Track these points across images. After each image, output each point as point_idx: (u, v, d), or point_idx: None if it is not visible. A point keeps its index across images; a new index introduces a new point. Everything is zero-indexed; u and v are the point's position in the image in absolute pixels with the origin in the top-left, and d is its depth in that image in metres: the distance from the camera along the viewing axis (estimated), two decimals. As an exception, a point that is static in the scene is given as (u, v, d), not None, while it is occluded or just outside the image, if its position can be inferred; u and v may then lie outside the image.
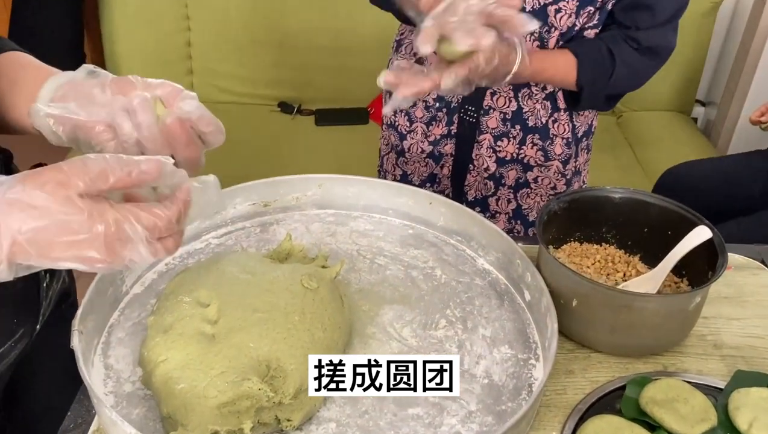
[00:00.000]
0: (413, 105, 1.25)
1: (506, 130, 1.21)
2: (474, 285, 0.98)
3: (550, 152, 1.23)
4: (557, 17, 1.10)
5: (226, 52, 2.54)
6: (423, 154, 1.29)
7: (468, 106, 1.21)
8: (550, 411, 0.83)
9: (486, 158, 1.24)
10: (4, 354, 0.80)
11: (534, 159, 1.24)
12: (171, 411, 0.72)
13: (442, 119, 1.24)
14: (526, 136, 1.22)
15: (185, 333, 0.76)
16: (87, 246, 0.55)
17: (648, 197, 1.00)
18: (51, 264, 0.56)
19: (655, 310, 0.85)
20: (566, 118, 1.22)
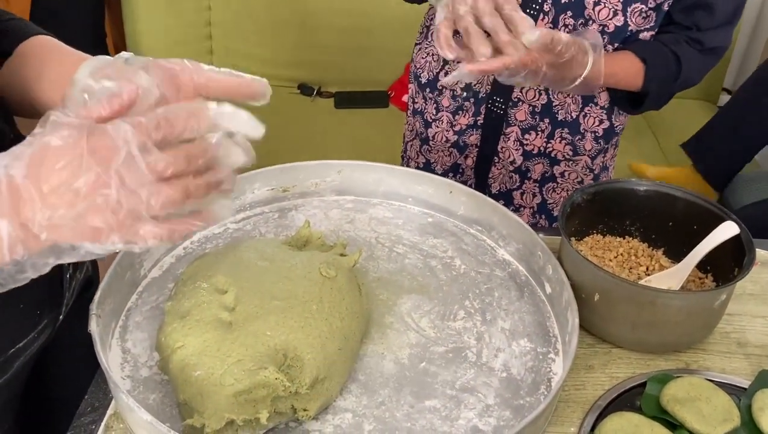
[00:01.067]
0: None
1: (535, 123, 1.19)
2: (494, 277, 0.96)
3: (579, 147, 1.20)
4: (596, 10, 1.05)
5: (246, 33, 2.53)
6: (447, 143, 1.27)
7: (496, 97, 1.18)
8: (568, 407, 0.82)
9: (513, 151, 1.22)
10: (27, 344, 0.80)
11: (562, 153, 1.21)
12: (187, 398, 0.72)
13: (469, 109, 1.21)
14: (554, 130, 1.19)
15: (202, 320, 0.76)
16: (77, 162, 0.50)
17: (674, 190, 0.98)
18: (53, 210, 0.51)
19: (680, 307, 0.83)
20: (598, 113, 1.18)
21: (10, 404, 0.83)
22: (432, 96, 1.25)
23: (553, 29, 0.96)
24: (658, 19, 1.08)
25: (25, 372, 0.83)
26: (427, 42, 1.25)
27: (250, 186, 1.04)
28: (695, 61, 1.10)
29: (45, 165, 0.51)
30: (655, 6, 1.06)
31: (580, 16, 1.06)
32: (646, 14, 1.07)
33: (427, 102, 1.26)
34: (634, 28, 1.08)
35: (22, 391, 0.85)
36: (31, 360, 0.83)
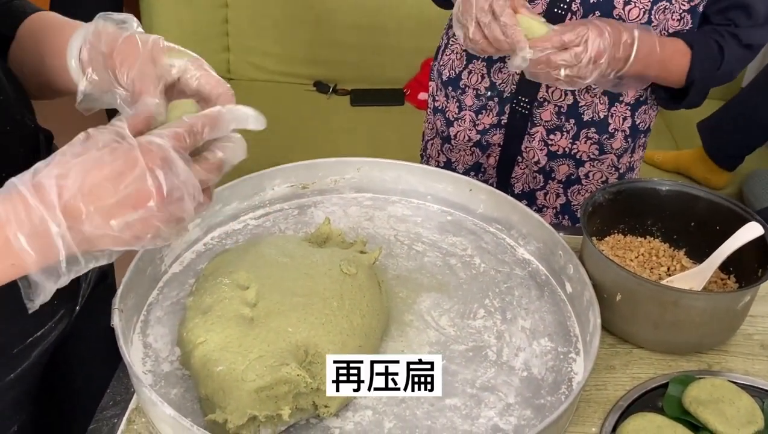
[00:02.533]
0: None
1: (560, 123, 1.17)
2: (513, 275, 0.96)
3: (606, 146, 1.19)
4: (626, 10, 1.04)
5: (262, 30, 2.53)
6: (470, 142, 1.26)
7: (521, 97, 1.17)
8: (589, 407, 0.81)
9: (537, 151, 1.21)
10: (44, 334, 0.81)
11: (587, 154, 1.20)
12: (209, 393, 0.72)
13: (493, 108, 1.20)
14: (580, 131, 1.18)
15: (224, 315, 0.76)
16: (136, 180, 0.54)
17: (697, 190, 0.97)
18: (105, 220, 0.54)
19: (703, 308, 0.82)
20: (624, 110, 1.17)
21: (27, 395, 0.84)
22: (455, 94, 1.24)
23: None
24: (695, 22, 1.06)
25: (41, 362, 0.84)
26: (453, 39, 1.24)
27: (270, 182, 1.04)
28: (735, 53, 1.07)
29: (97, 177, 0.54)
30: (690, 8, 1.04)
31: (609, 15, 1.05)
32: (680, 16, 1.05)
33: (449, 100, 1.25)
34: (669, 31, 1.06)
35: (39, 382, 0.85)
36: (48, 351, 0.84)
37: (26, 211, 0.53)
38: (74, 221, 0.54)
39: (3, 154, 0.57)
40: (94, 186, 0.54)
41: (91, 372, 0.90)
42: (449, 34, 1.27)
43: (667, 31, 1.06)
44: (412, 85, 2.54)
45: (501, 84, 1.18)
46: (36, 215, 0.53)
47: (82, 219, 0.54)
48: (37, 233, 0.53)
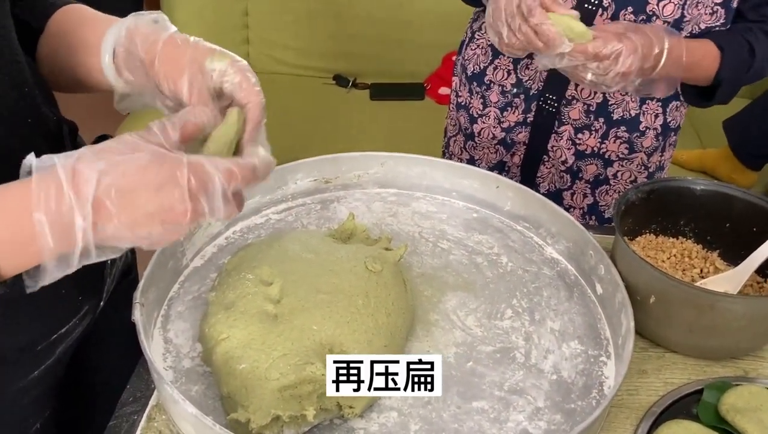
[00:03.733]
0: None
1: (589, 122, 1.14)
2: (542, 275, 0.93)
3: (636, 144, 1.16)
4: (660, 6, 1.01)
5: (283, 22, 2.51)
6: (494, 140, 1.23)
7: (549, 95, 1.14)
8: (621, 412, 0.79)
9: (565, 150, 1.17)
10: (69, 331, 0.80)
11: (616, 153, 1.17)
12: (231, 391, 0.70)
13: (519, 106, 1.17)
14: (609, 130, 1.14)
15: (247, 312, 0.74)
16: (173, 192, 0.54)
17: (733, 190, 0.94)
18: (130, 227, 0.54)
19: (741, 313, 0.80)
20: (655, 108, 1.14)
21: (51, 391, 0.82)
22: (479, 90, 1.21)
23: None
24: (728, 17, 1.03)
25: (66, 358, 0.82)
26: (479, 33, 1.21)
27: (292, 176, 1.02)
28: (767, 51, 1.05)
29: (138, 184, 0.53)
30: (723, 2, 1.01)
31: (642, 12, 1.02)
32: (713, 10, 1.02)
33: (473, 96, 1.23)
34: (701, 25, 1.03)
35: (62, 379, 0.84)
36: (72, 347, 0.83)
37: (57, 196, 0.51)
38: (101, 219, 0.53)
39: (27, 146, 0.55)
40: (132, 192, 0.53)
41: (113, 367, 0.89)
42: (473, 27, 1.24)
43: (699, 26, 1.03)
44: (432, 80, 2.51)
45: (528, 81, 1.15)
46: (65, 203, 0.51)
47: (111, 221, 0.53)
48: (61, 222, 0.52)
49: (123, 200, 0.53)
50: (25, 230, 0.51)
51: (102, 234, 0.53)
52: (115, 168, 0.53)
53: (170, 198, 0.54)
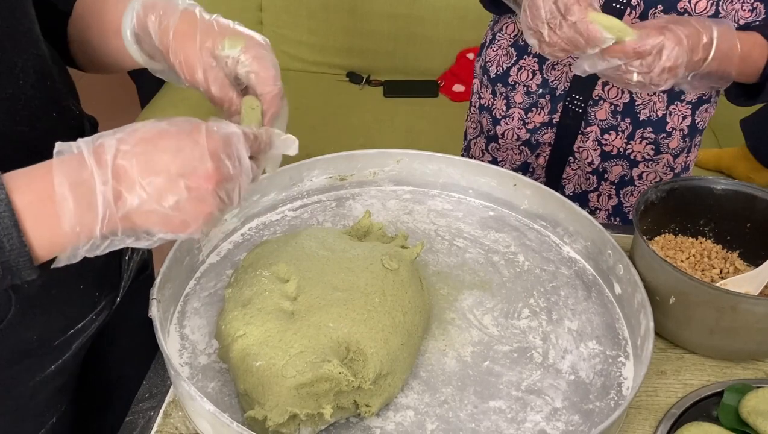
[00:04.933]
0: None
1: (615, 123, 1.12)
2: (559, 274, 0.93)
3: (663, 145, 1.13)
4: (692, 2, 0.98)
5: (296, 19, 2.50)
6: (518, 141, 1.21)
7: (575, 95, 1.12)
8: (640, 414, 0.78)
9: (591, 151, 1.15)
10: (85, 326, 0.80)
11: (642, 154, 1.14)
12: (248, 388, 0.70)
13: (545, 106, 1.15)
14: (635, 131, 1.12)
15: (264, 309, 0.74)
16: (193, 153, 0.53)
17: (755, 190, 0.92)
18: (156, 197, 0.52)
19: (763, 314, 0.78)
20: (684, 109, 1.12)
21: (67, 385, 0.83)
22: (504, 91, 1.19)
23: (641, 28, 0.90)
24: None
25: (82, 353, 0.83)
26: (500, 34, 1.20)
27: (308, 173, 1.02)
28: None
29: (157, 147, 0.52)
30: None
31: (673, 9, 0.99)
32: (752, 6, 0.99)
33: (496, 97, 1.21)
34: (740, 22, 1.00)
35: (78, 373, 0.84)
36: (89, 342, 0.83)
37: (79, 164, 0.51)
38: (124, 186, 0.51)
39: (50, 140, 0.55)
40: (151, 154, 0.52)
41: (127, 363, 0.89)
42: (494, 30, 1.22)
43: (737, 23, 1.00)
44: (446, 77, 2.50)
45: (554, 81, 1.13)
46: (87, 170, 0.51)
47: (133, 189, 0.51)
48: (82, 186, 0.51)
49: (142, 163, 0.52)
50: (48, 199, 0.51)
51: (129, 206, 0.52)
52: (133, 134, 0.52)
53: (190, 158, 0.52)
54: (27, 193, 0.51)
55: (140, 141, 0.52)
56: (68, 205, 0.51)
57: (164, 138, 0.52)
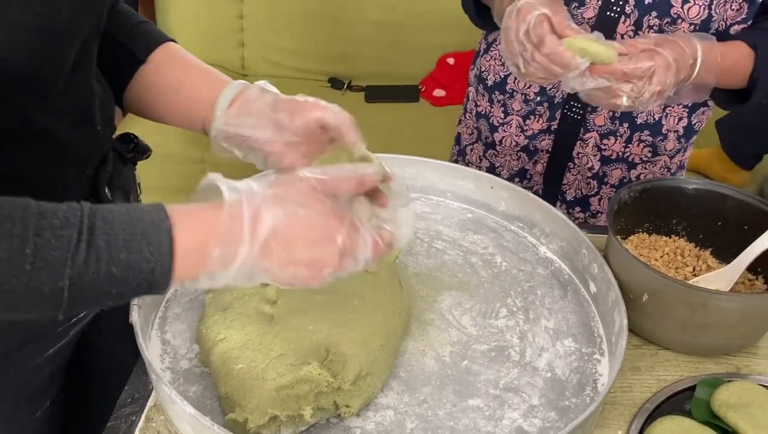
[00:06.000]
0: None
1: (614, 128, 1.13)
2: (536, 274, 0.94)
3: (659, 148, 1.15)
4: (685, 8, 0.99)
5: (277, 25, 2.51)
6: (516, 147, 1.21)
7: (573, 102, 1.12)
8: (615, 409, 0.79)
9: (591, 157, 1.16)
10: (86, 314, 0.84)
11: (639, 156, 1.16)
12: (228, 392, 0.71)
13: (543, 114, 1.16)
14: (633, 134, 1.13)
15: (244, 313, 0.75)
16: (327, 249, 0.61)
17: (725, 189, 0.95)
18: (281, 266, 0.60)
19: (733, 309, 0.81)
20: (679, 111, 1.13)
21: (60, 370, 0.85)
22: (501, 98, 1.19)
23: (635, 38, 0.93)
24: (751, 11, 1.01)
25: (74, 340, 0.86)
26: (495, 45, 1.20)
27: (288, 178, 1.03)
28: None
29: (303, 240, 0.60)
30: None
31: (666, 15, 1.00)
32: (738, 6, 1.00)
33: (493, 105, 1.20)
34: (727, 22, 1.01)
35: (70, 359, 0.87)
36: (81, 330, 0.86)
37: (238, 230, 0.58)
38: (264, 262, 0.59)
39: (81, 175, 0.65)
40: (295, 241, 0.60)
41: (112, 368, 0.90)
42: (488, 39, 1.22)
43: (725, 22, 1.01)
44: (427, 82, 2.52)
45: (551, 89, 1.13)
46: (240, 238, 0.58)
47: (269, 258, 0.59)
48: (229, 253, 0.58)
49: (285, 246, 0.59)
50: (203, 245, 0.57)
51: (258, 265, 0.59)
52: (289, 218, 0.59)
53: (323, 252, 0.61)
54: (185, 233, 0.57)
55: (294, 226, 0.60)
56: (214, 259, 0.57)
57: (311, 230, 0.60)
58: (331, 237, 0.61)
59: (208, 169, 0.62)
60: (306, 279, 0.61)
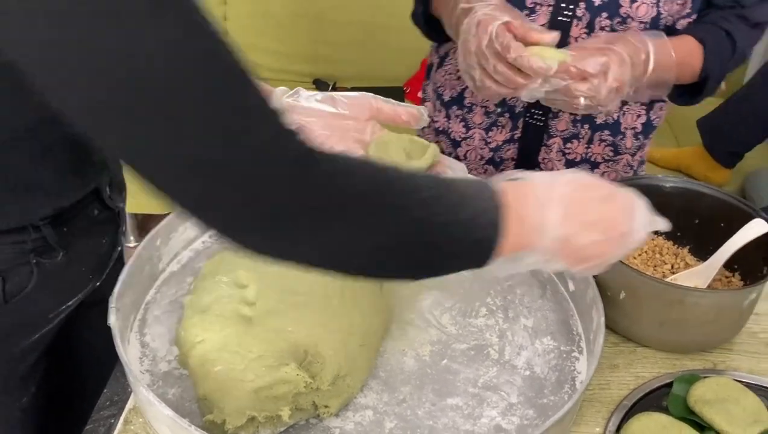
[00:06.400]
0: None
1: (576, 131, 1.13)
2: (515, 273, 0.95)
3: (620, 146, 1.15)
4: (633, 7, 1.00)
5: (262, 27, 2.51)
6: (482, 160, 1.20)
7: (534, 110, 1.11)
8: (593, 406, 0.80)
9: (555, 162, 1.16)
10: (73, 304, 0.85)
11: (601, 156, 1.16)
12: (207, 393, 0.71)
13: (506, 124, 1.15)
14: (594, 135, 1.14)
15: (223, 315, 0.75)
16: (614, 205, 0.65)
17: (702, 187, 0.96)
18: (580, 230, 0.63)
19: (709, 306, 0.81)
20: (636, 109, 1.14)
21: (43, 356, 0.86)
22: (460, 113, 1.18)
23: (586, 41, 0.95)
24: (695, 5, 1.02)
25: (56, 328, 0.86)
26: (448, 59, 1.18)
27: (269, 180, 1.03)
28: (745, 35, 1.04)
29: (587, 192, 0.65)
30: None
31: (616, 15, 1.01)
32: (683, 0, 1.01)
33: (451, 120, 1.19)
34: (672, 19, 1.03)
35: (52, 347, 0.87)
36: (65, 318, 0.86)
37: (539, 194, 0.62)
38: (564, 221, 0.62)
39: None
40: (586, 200, 0.64)
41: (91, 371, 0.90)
42: (440, 53, 1.21)
43: (672, 18, 1.03)
44: (412, 83, 2.53)
45: (511, 99, 1.12)
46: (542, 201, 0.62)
47: (570, 223, 0.62)
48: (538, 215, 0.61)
49: (580, 207, 0.63)
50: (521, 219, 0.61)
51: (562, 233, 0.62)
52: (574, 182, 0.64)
53: (612, 211, 0.65)
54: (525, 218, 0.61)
55: (581, 189, 0.64)
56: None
57: (595, 189, 0.65)
58: (611, 195, 0.65)
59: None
60: (601, 246, 0.64)
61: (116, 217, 0.90)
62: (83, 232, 0.82)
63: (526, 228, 0.61)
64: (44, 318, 0.82)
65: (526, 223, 0.61)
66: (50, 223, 0.76)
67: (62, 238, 0.78)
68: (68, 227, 0.79)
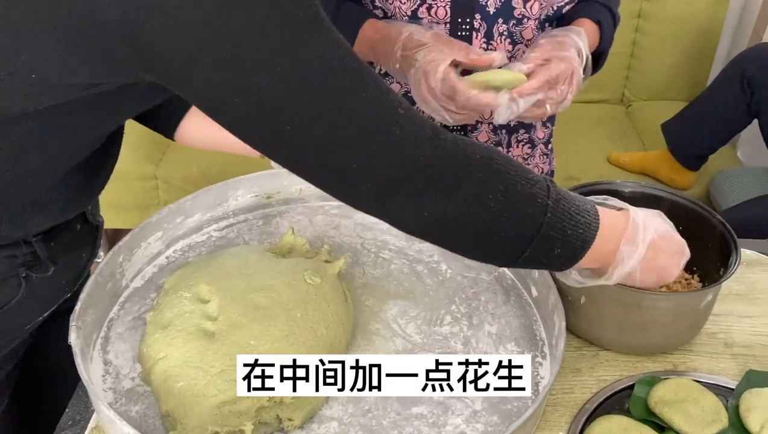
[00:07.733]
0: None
1: (497, 138, 1.17)
2: (480, 280, 0.96)
3: (534, 140, 1.20)
4: (527, 6, 1.05)
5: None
6: None
7: (454, 127, 1.13)
8: (556, 411, 0.81)
9: None
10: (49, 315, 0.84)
11: (521, 154, 1.20)
12: (170, 409, 0.71)
13: None
14: (511, 138, 1.18)
15: (185, 330, 0.75)
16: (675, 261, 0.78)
17: (660, 191, 0.98)
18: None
19: (666, 308, 0.83)
20: None
21: (13, 372, 0.86)
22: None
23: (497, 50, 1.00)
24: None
25: (31, 337, 0.87)
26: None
27: (233, 192, 1.03)
28: (614, 3, 1.12)
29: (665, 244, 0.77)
30: None
31: (511, 18, 1.05)
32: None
33: None
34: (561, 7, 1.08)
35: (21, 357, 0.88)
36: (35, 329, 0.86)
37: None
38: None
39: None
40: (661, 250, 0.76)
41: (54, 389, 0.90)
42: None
43: (558, 7, 1.08)
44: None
45: (429, 118, 1.15)
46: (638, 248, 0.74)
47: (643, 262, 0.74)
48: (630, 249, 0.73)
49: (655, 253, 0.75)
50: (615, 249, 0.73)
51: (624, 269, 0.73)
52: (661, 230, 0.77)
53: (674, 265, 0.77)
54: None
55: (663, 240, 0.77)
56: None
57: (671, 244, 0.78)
58: (681, 252, 0.77)
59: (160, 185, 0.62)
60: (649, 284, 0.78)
61: (95, 230, 0.90)
62: (67, 247, 0.83)
63: (607, 253, 0.72)
64: (21, 329, 0.83)
65: (608, 250, 0.72)
66: (42, 239, 0.77)
67: (51, 253, 0.79)
68: (55, 242, 0.80)
